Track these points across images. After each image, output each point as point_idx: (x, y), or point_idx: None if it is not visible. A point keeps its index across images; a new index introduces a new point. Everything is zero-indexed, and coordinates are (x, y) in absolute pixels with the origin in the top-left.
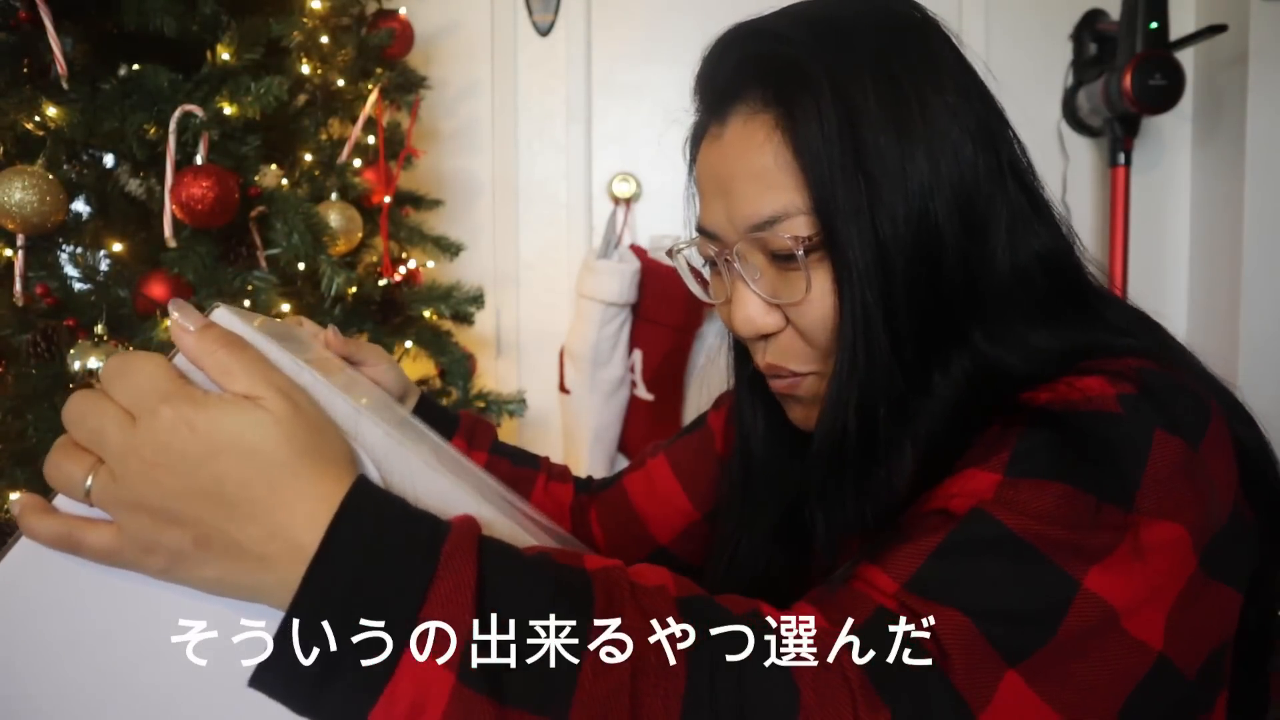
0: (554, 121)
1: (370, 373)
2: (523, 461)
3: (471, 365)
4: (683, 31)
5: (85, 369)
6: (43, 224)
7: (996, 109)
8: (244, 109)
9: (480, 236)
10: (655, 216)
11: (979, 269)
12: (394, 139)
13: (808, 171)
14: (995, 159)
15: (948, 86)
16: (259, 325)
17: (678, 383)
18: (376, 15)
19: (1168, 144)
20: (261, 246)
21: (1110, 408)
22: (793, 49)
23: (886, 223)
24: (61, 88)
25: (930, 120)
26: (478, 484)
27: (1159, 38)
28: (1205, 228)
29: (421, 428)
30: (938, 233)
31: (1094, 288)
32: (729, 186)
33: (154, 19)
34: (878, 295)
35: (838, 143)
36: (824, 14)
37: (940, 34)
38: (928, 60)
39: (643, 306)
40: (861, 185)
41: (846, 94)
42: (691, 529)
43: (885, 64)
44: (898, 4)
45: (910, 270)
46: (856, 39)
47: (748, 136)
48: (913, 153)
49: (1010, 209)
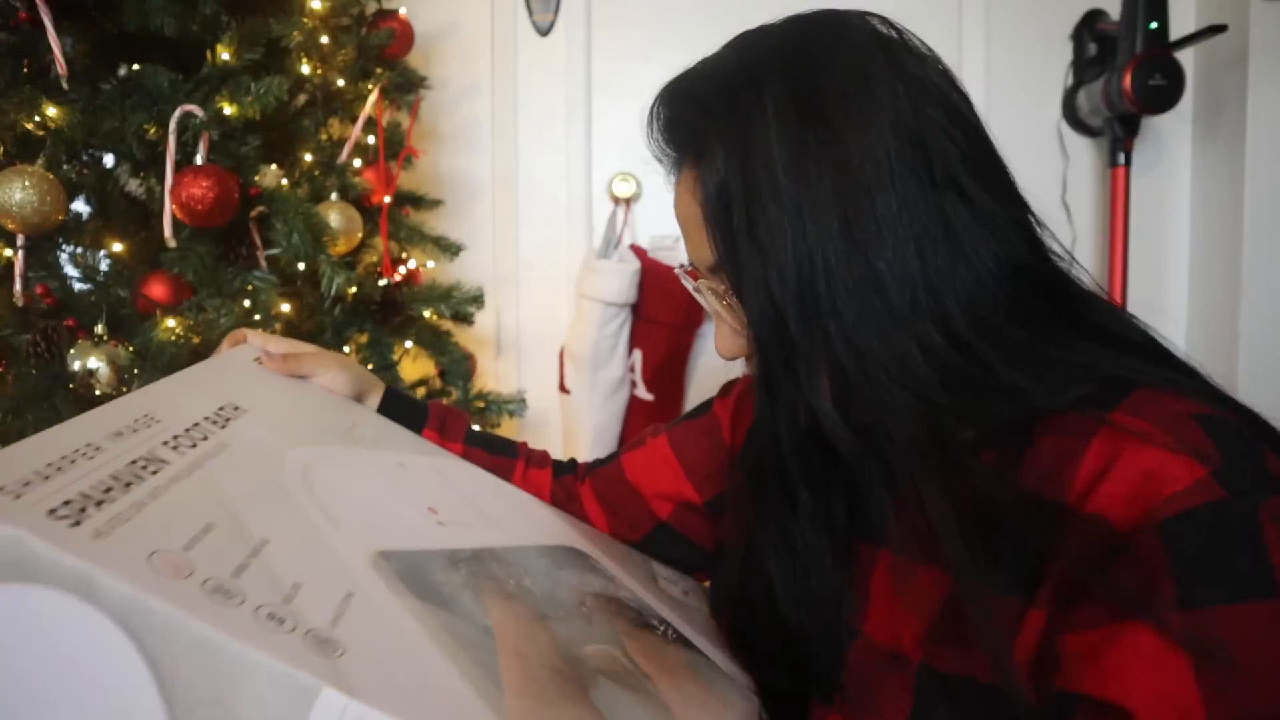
0: (554, 121)
1: (320, 382)
2: (499, 450)
3: (471, 365)
4: (683, 31)
5: (85, 369)
6: (43, 224)
7: (935, 120)
8: (244, 109)
9: (480, 236)
10: (655, 216)
11: (888, 316)
12: (394, 139)
13: (712, 238)
14: (924, 178)
15: (864, 124)
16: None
17: (678, 383)
18: (376, 15)
19: (1168, 144)
20: (261, 246)
21: (1213, 494)
22: (702, 115)
23: (777, 289)
24: (61, 88)
25: (833, 176)
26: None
27: (1159, 38)
28: (1205, 228)
29: (380, 430)
30: (830, 293)
31: (1068, 287)
32: (685, 230)
33: (154, 19)
34: (778, 355)
35: (733, 212)
36: (744, 58)
37: (871, 51)
38: (842, 97)
39: (643, 306)
40: (755, 254)
41: (745, 162)
42: (691, 509)
43: (786, 119)
44: (827, 26)
45: (805, 329)
46: (765, 89)
47: (687, 190)
48: (805, 216)
49: (947, 228)
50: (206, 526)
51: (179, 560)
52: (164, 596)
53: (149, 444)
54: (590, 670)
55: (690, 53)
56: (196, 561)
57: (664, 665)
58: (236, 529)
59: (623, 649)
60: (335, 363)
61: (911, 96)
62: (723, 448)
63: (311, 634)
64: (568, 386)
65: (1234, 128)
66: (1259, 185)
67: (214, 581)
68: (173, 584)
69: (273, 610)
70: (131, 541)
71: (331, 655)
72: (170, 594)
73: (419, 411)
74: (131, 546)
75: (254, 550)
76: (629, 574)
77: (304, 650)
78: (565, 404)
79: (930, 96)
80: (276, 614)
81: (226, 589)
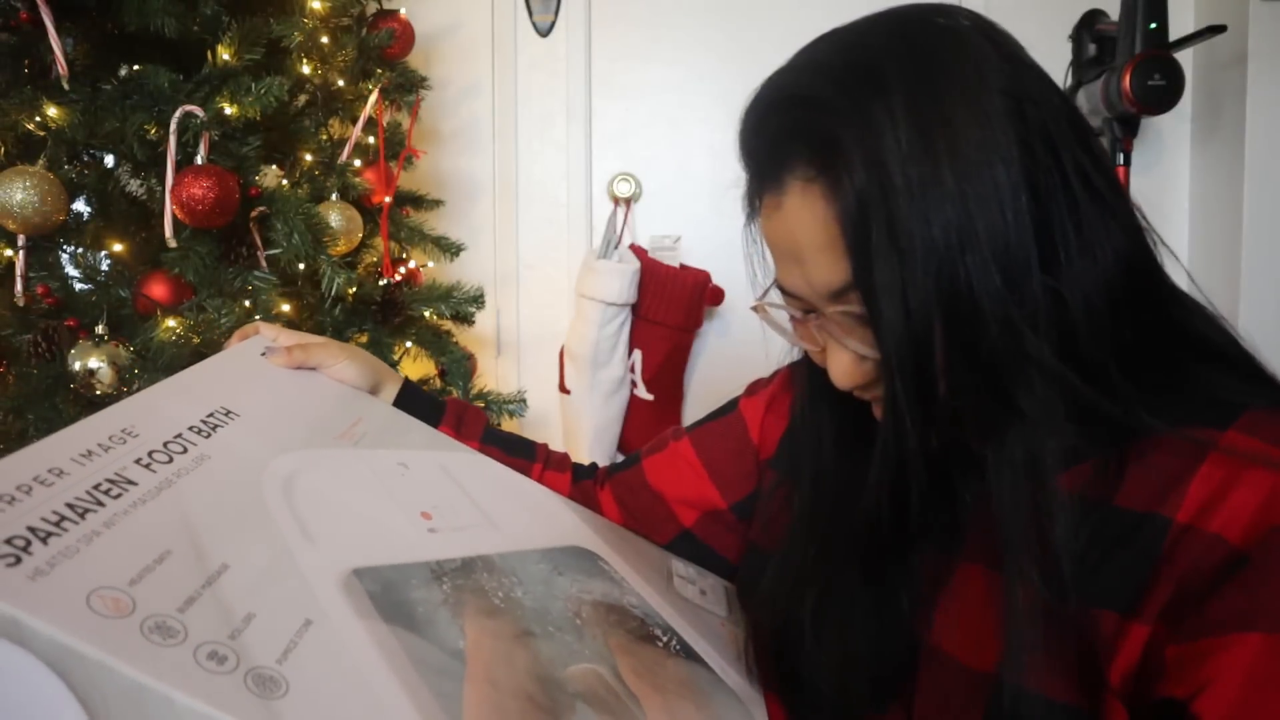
0: (554, 121)
1: (330, 374)
2: (517, 451)
3: (471, 365)
4: (683, 31)
5: (86, 369)
6: (44, 224)
7: (1055, 105)
8: (244, 109)
9: (480, 236)
10: (655, 216)
11: (1026, 319)
12: (394, 139)
13: (849, 250)
14: (1056, 174)
15: (988, 113)
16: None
17: (678, 383)
18: (376, 15)
19: (1167, 144)
20: (261, 246)
21: None
22: (826, 116)
23: (916, 298)
24: (62, 88)
25: (963, 171)
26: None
27: (1158, 38)
28: (1204, 228)
29: (387, 425)
30: (972, 299)
31: (1174, 292)
32: (800, 255)
33: (154, 19)
34: (916, 372)
35: (871, 219)
36: (850, 59)
37: (979, 41)
38: (963, 88)
39: (643, 306)
40: (896, 266)
41: (878, 161)
42: (716, 516)
43: (915, 113)
44: (929, 20)
45: (948, 339)
46: (888, 86)
47: (806, 208)
48: (942, 215)
49: (1079, 224)
50: (161, 555)
51: (119, 598)
52: (94, 641)
53: (119, 463)
54: (569, 695)
55: (690, 53)
56: (140, 597)
57: (657, 684)
58: (194, 555)
59: (613, 667)
60: (345, 354)
61: (1027, 86)
62: (749, 448)
63: (254, 672)
64: (568, 386)
65: (1233, 128)
66: (1258, 185)
67: (155, 619)
68: (109, 624)
69: (215, 648)
70: (71, 580)
71: (272, 695)
72: (102, 638)
73: (436, 407)
74: (70, 585)
75: (209, 579)
76: (641, 575)
77: (239, 693)
78: (565, 404)
79: (1044, 84)
80: (218, 652)
81: (167, 626)
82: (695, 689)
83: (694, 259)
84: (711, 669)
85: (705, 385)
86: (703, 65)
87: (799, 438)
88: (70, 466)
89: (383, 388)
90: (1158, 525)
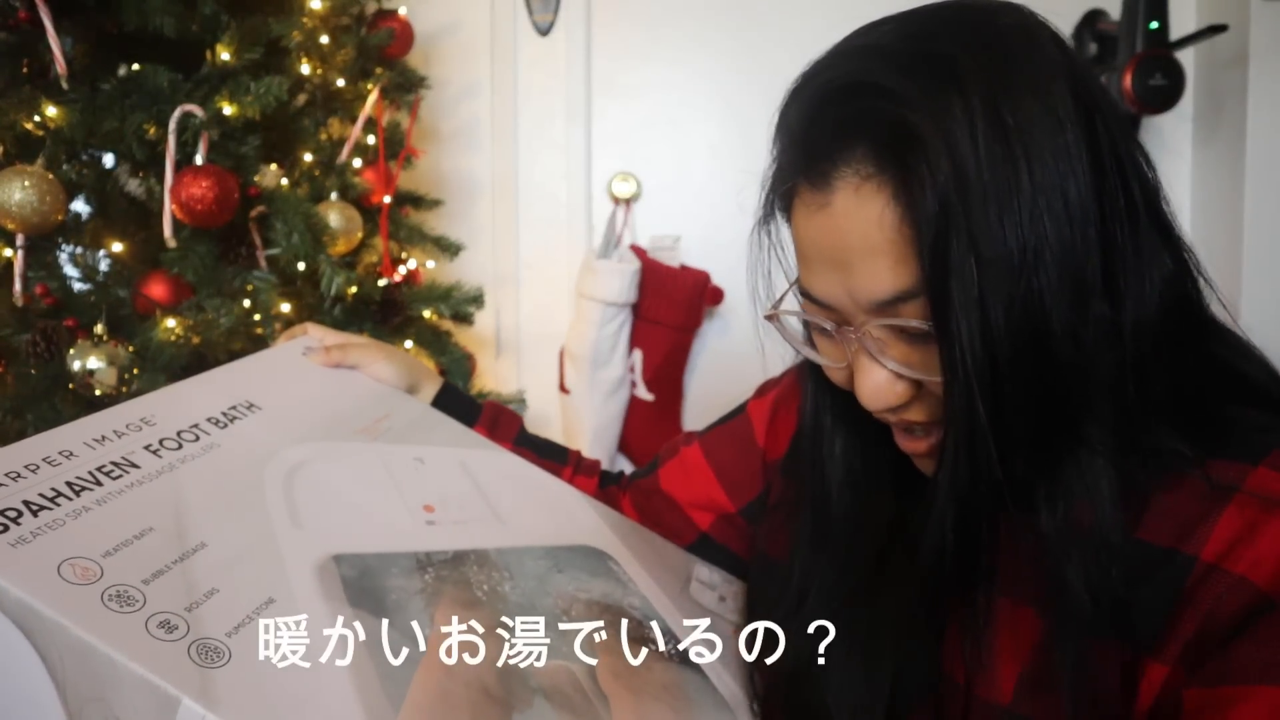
0: (554, 121)
1: (368, 373)
2: (548, 454)
3: (471, 365)
4: (683, 31)
5: (85, 369)
6: (43, 224)
7: (1119, 116)
8: (244, 109)
9: (480, 236)
10: (655, 216)
11: (1096, 339)
12: (394, 139)
13: (924, 254)
14: (1123, 193)
15: (1063, 120)
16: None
17: (678, 383)
18: (376, 15)
19: (1168, 144)
20: (261, 246)
21: None
22: (898, 107)
23: (996, 310)
24: (61, 88)
25: (1040, 179)
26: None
27: (1159, 38)
28: (1205, 228)
29: (416, 422)
30: (1044, 312)
31: (1204, 315)
32: (845, 260)
33: (154, 19)
34: (989, 393)
35: (949, 221)
36: (921, 49)
37: (1050, 45)
38: (1039, 92)
39: (643, 306)
40: (974, 271)
41: (959, 158)
42: (728, 519)
43: (995, 112)
44: (995, 13)
45: (1018, 358)
46: (964, 81)
47: (860, 207)
48: (1019, 223)
49: (1138, 248)
50: (142, 531)
51: (89, 567)
52: (51, 603)
53: (129, 448)
54: (529, 689)
55: (690, 53)
56: (111, 567)
57: (634, 686)
58: (175, 533)
59: (588, 666)
60: (383, 354)
61: (1094, 94)
62: (754, 450)
63: (200, 642)
64: (568, 386)
65: (1234, 128)
66: (1259, 185)
67: (118, 588)
68: (72, 590)
69: (167, 618)
70: (49, 549)
71: (213, 664)
72: (60, 600)
73: (473, 408)
74: (46, 553)
75: (182, 556)
76: (655, 578)
77: (179, 659)
78: (565, 404)
79: (1105, 92)
80: (170, 621)
81: (128, 595)
82: (679, 694)
83: (694, 259)
84: (706, 676)
85: (705, 385)
86: (703, 65)
87: (802, 457)
88: (81, 449)
89: (421, 388)
90: (1180, 562)
